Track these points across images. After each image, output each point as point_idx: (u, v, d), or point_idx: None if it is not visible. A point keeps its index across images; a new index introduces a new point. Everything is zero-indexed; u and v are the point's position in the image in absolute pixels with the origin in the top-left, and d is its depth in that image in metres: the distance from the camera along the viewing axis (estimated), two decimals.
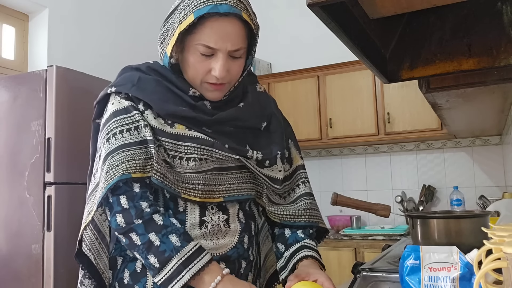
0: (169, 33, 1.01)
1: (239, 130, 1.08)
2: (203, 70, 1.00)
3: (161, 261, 0.91)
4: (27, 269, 2.14)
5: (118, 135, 0.99)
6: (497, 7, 1.16)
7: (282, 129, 1.17)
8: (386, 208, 1.64)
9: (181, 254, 0.91)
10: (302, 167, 1.20)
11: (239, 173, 1.08)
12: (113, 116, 1.02)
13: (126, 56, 3.25)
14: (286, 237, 1.11)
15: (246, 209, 1.10)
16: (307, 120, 3.57)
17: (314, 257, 1.06)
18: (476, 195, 3.26)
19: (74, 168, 2.20)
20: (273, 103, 1.20)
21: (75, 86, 2.28)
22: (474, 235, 1.07)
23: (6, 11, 2.85)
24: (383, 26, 1.21)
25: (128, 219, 0.94)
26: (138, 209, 0.95)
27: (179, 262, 0.91)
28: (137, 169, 0.96)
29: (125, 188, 0.96)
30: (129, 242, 0.95)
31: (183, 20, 0.97)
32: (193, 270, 0.91)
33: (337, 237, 3.22)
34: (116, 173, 0.95)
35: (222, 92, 1.05)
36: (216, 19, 0.96)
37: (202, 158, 1.01)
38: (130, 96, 1.03)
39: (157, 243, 0.92)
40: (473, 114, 2.22)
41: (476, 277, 0.68)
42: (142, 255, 0.93)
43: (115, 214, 0.96)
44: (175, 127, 1.02)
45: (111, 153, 0.98)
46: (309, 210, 1.14)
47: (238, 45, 0.99)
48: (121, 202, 0.96)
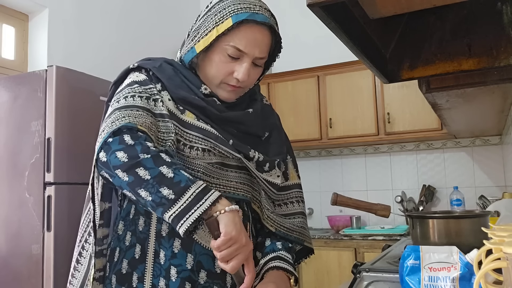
0: (201, 32, 1.04)
1: (241, 134, 1.09)
2: (225, 71, 1.04)
3: (177, 192, 0.86)
4: (27, 269, 2.14)
5: (129, 98, 1.00)
6: (497, 7, 1.16)
7: (283, 142, 1.20)
8: (386, 208, 1.64)
9: (198, 184, 0.89)
10: (299, 186, 1.22)
11: (239, 173, 1.09)
12: (127, 86, 1.04)
13: (126, 56, 3.24)
14: (265, 246, 1.12)
15: (244, 209, 1.10)
16: (307, 120, 3.57)
17: (284, 268, 1.06)
18: (476, 195, 3.26)
19: (74, 168, 2.20)
20: (277, 118, 1.24)
21: (75, 86, 2.28)
22: (474, 235, 1.07)
23: (6, 11, 2.85)
24: (383, 26, 1.21)
25: (132, 154, 0.89)
26: (144, 146, 0.90)
27: (198, 190, 0.88)
28: (143, 126, 0.95)
29: (129, 132, 0.92)
30: (134, 179, 0.88)
31: (219, 22, 1.00)
32: (212, 197, 0.88)
33: (337, 237, 3.21)
34: (122, 122, 0.93)
35: (237, 95, 1.09)
36: (251, 26, 1.01)
37: (205, 149, 1.03)
38: (150, 74, 1.06)
39: (171, 175, 0.88)
40: (473, 114, 2.22)
41: (476, 277, 0.68)
42: (152, 190, 0.87)
43: (114, 152, 0.90)
44: (185, 114, 1.04)
45: (119, 109, 0.97)
46: (301, 228, 1.17)
47: (264, 54, 1.05)
48: (124, 140, 0.90)
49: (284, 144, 1.20)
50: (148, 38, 3.60)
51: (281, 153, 1.16)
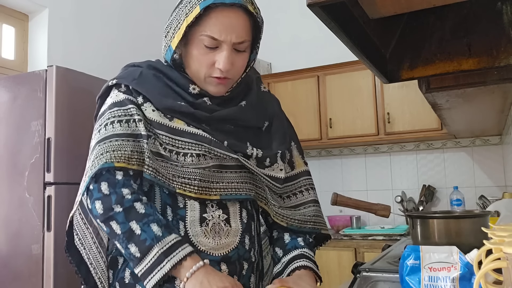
0: (173, 27, 1.01)
1: (240, 129, 1.07)
2: (207, 63, 1.00)
3: (142, 250, 0.89)
4: (27, 269, 2.14)
5: (109, 126, 0.99)
6: (497, 7, 1.16)
7: (285, 130, 1.16)
8: (386, 208, 1.64)
9: (163, 243, 0.90)
10: (307, 173, 1.18)
11: (239, 172, 1.06)
12: (108, 109, 1.02)
13: (126, 56, 3.24)
14: (285, 242, 1.10)
15: (248, 208, 1.09)
16: (307, 120, 3.57)
17: (311, 268, 1.05)
18: (476, 195, 3.26)
19: (74, 168, 2.20)
20: (277, 104, 1.20)
21: (75, 86, 2.28)
22: (474, 235, 1.07)
23: (6, 11, 2.85)
24: (383, 26, 1.21)
25: (107, 206, 0.92)
26: (119, 195, 0.93)
27: (160, 251, 0.89)
28: (121, 159, 0.95)
29: (107, 176, 0.95)
30: (110, 231, 0.93)
31: (189, 13, 0.96)
32: (174, 259, 0.89)
33: (337, 237, 3.21)
34: (100, 162, 0.94)
35: (225, 87, 1.05)
36: (221, 10, 0.96)
37: (200, 154, 1.00)
38: (130, 88, 1.04)
39: (138, 231, 0.90)
40: (473, 114, 2.22)
41: (476, 277, 0.68)
42: (123, 245, 0.91)
43: (94, 201, 0.94)
44: (174, 121, 1.02)
45: (99, 142, 0.98)
46: (314, 217, 1.13)
47: (242, 38, 0.99)
48: (101, 188, 0.94)
49: (286, 132, 1.16)
50: (148, 38, 3.59)
51: (284, 142, 1.13)
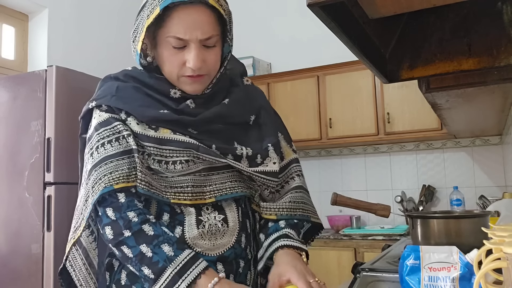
0: (138, 30, 1.01)
1: (227, 127, 1.06)
2: (177, 63, 0.99)
3: (155, 272, 0.90)
4: (27, 269, 2.14)
5: (100, 148, 0.99)
6: (497, 7, 1.15)
7: (272, 121, 1.15)
8: (386, 208, 1.64)
9: (175, 264, 0.90)
10: (295, 160, 1.17)
11: (231, 172, 1.06)
12: (95, 131, 1.03)
13: (125, 56, 3.23)
14: (268, 227, 1.08)
15: (242, 206, 1.08)
16: (306, 120, 3.57)
17: (292, 246, 1.02)
18: (476, 195, 3.25)
19: (74, 168, 2.18)
20: (261, 95, 1.19)
21: (75, 86, 2.28)
22: (474, 235, 1.06)
23: (6, 11, 2.85)
24: (382, 26, 1.20)
25: (117, 231, 0.94)
26: (126, 220, 0.94)
27: (174, 271, 0.90)
28: (120, 180, 0.96)
29: (110, 200, 0.96)
30: (122, 255, 0.94)
31: (150, 14, 0.96)
32: (188, 279, 0.89)
33: (337, 237, 3.21)
34: (100, 187, 0.95)
35: (201, 84, 1.04)
36: (182, 9, 0.95)
37: (189, 159, 1.00)
38: (111, 107, 1.03)
39: (149, 254, 0.91)
40: (473, 114, 2.22)
41: (476, 277, 0.68)
42: (136, 267, 0.92)
43: (104, 227, 0.96)
44: (160, 131, 1.01)
45: (94, 167, 0.98)
46: (302, 203, 1.11)
47: (208, 33, 0.98)
48: (108, 214, 0.95)
49: (275, 123, 1.16)
50: None
51: (274, 133, 1.13)
